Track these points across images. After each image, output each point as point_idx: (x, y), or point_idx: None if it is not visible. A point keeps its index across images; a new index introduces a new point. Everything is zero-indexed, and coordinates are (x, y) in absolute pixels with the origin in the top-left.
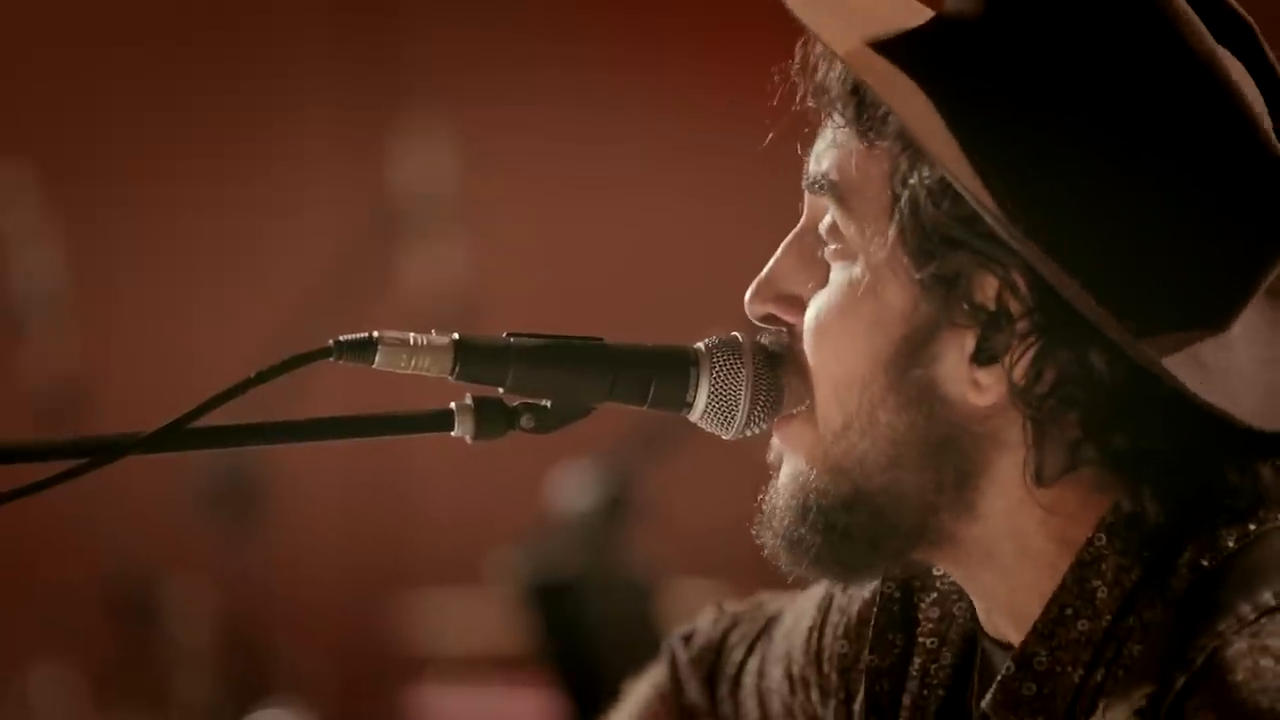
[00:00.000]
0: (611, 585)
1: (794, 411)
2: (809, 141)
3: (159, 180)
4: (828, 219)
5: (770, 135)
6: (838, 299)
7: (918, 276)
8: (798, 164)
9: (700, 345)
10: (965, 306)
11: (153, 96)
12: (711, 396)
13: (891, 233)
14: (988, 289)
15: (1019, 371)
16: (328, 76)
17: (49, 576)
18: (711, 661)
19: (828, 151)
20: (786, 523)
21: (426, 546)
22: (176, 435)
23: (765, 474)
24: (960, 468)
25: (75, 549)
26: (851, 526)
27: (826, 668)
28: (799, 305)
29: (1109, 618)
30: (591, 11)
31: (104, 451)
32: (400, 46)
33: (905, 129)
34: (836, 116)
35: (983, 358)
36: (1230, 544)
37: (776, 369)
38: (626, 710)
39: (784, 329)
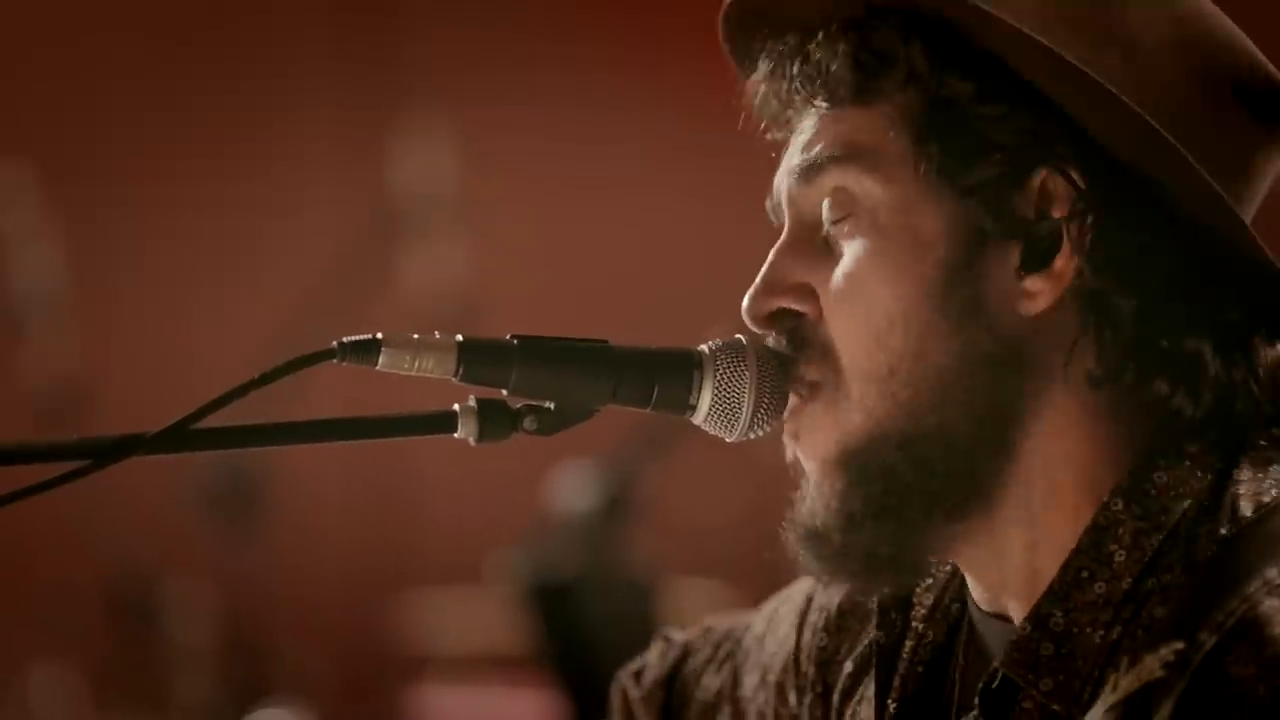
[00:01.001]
0: (611, 585)
1: (804, 399)
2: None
3: (159, 180)
4: (829, 199)
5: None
6: (867, 248)
7: (957, 192)
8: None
9: (704, 348)
10: (1007, 214)
11: (153, 96)
12: (715, 399)
13: (921, 162)
14: (1029, 191)
15: (1075, 261)
16: (328, 76)
17: (49, 576)
18: (662, 698)
19: (816, 137)
20: (837, 500)
21: (427, 547)
22: (180, 436)
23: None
24: (1002, 395)
25: (76, 549)
26: (906, 474)
27: (805, 664)
28: (809, 292)
29: (1129, 580)
30: (591, 12)
31: (108, 453)
32: (400, 46)
33: (940, 49)
34: (823, 104)
35: (1031, 263)
36: (1247, 514)
37: (780, 370)
38: None
39: (787, 328)
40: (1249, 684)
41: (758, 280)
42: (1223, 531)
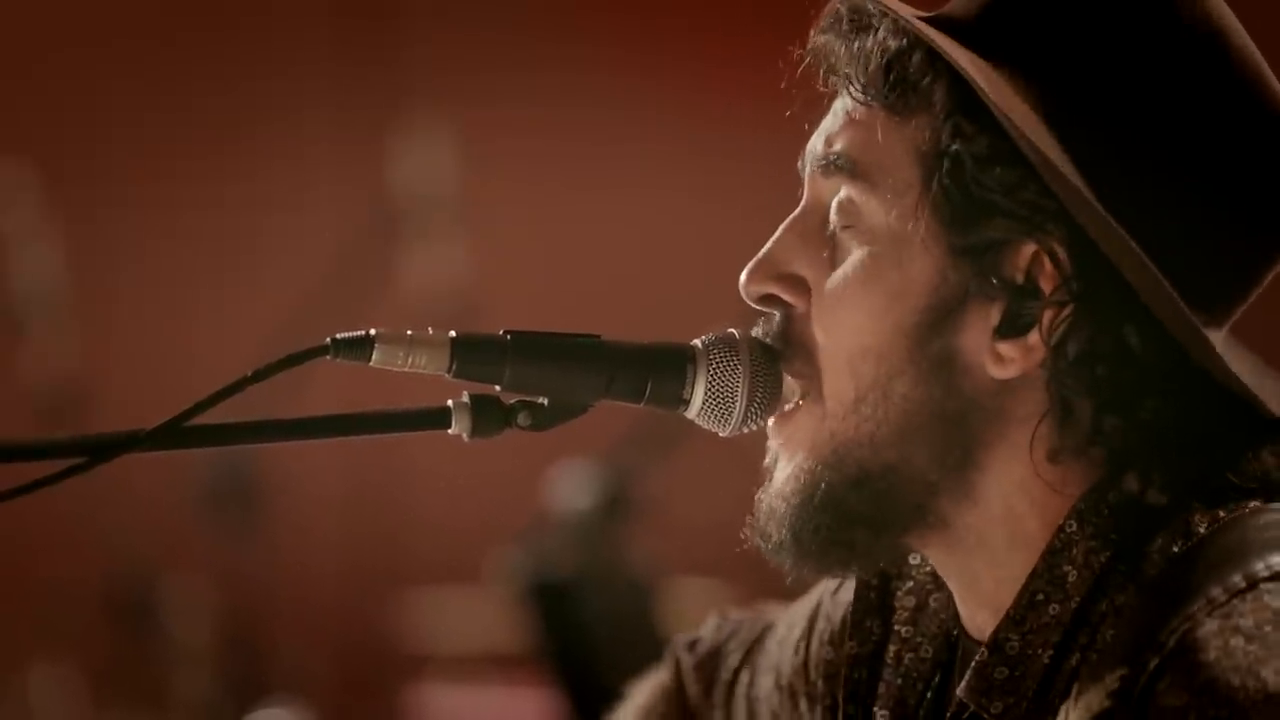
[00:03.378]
0: (610, 584)
1: (795, 404)
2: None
3: (159, 180)
4: (840, 197)
5: (788, 112)
6: (858, 271)
7: (951, 245)
8: (797, 162)
9: (697, 342)
10: (994, 278)
11: (153, 96)
12: (708, 393)
13: (923, 203)
14: (1020, 260)
15: (1050, 341)
16: (328, 77)
17: (49, 575)
18: (713, 667)
19: (842, 131)
20: (793, 513)
21: (426, 546)
22: (174, 433)
23: (765, 473)
24: (965, 446)
25: (75, 548)
26: (857, 506)
27: (813, 675)
28: (802, 285)
29: (1078, 599)
30: (591, 13)
31: (102, 450)
32: (400, 46)
33: (964, 96)
34: (856, 93)
35: (1007, 329)
36: (1201, 530)
37: (773, 364)
38: (631, 711)
39: (778, 312)
40: (1182, 714)
41: (760, 255)
42: (1175, 549)
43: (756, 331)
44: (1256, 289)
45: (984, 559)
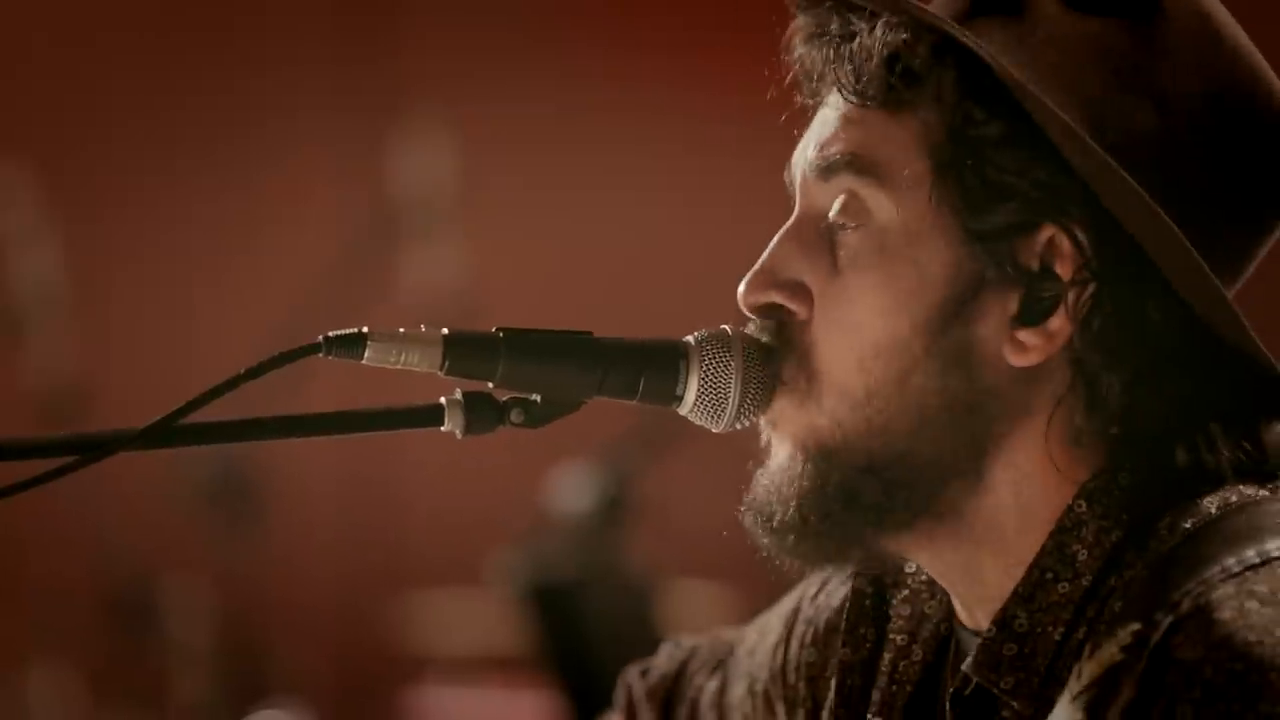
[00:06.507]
0: (609, 586)
1: (788, 391)
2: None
3: (159, 180)
4: (843, 198)
5: (783, 116)
6: (871, 270)
7: (965, 234)
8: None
9: (690, 339)
10: (1010, 266)
11: (152, 96)
12: (701, 389)
13: (935, 193)
14: (1036, 245)
15: (1070, 325)
16: (328, 77)
17: (46, 576)
18: (668, 690)
19: (839, 133)
20: (803, 495)
21: (424, 547)
22: (168, 432)
23: (761, 453)
24: (980, 435)
25: (72, 549)
26: (868, 494)
27: (793, 678)
28: (804, 291)
29: (1089, 578)
30: (591, 13)
31: (95, 448)
32: (400, 46)
33: (973, 83)
34: (849, 95)
35: (1027, 317)
36: (1212, 510)
37: (767, 361)
38: None
39: (774, 320)
40: (1197, 666)
41: (758, 265)
42: (1186, 526)
43: (755, 330)
44: (1251, 264)
45: (992, 547)
